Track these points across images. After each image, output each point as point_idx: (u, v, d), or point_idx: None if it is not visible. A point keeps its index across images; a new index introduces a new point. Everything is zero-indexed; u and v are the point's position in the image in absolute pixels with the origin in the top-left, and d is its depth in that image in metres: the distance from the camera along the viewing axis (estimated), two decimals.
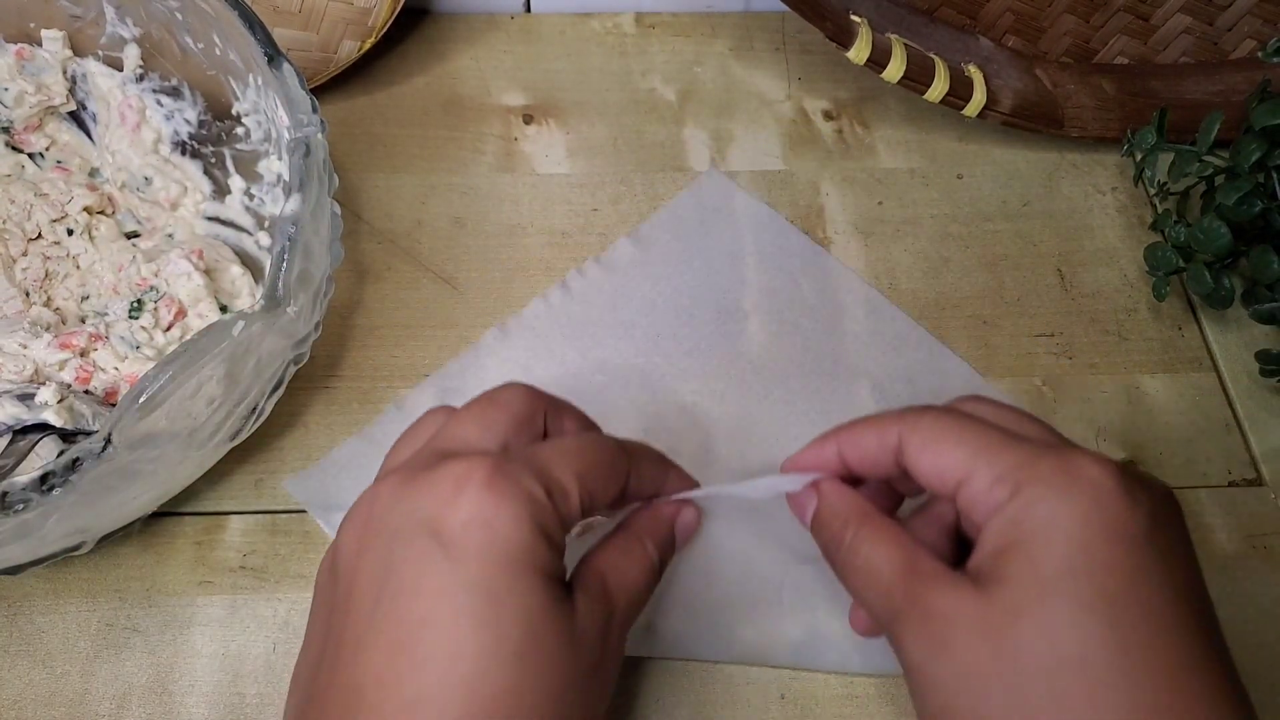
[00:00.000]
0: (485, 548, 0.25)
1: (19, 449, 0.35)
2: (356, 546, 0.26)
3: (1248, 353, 0.43)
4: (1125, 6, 0.49)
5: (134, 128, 0.42)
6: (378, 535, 0.26)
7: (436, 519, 0.25)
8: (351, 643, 0.25)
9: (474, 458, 0.26)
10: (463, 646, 0.24)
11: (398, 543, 0.25)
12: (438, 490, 0.25)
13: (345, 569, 0.27)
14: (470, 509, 0.25)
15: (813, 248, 0.46)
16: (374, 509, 0.27)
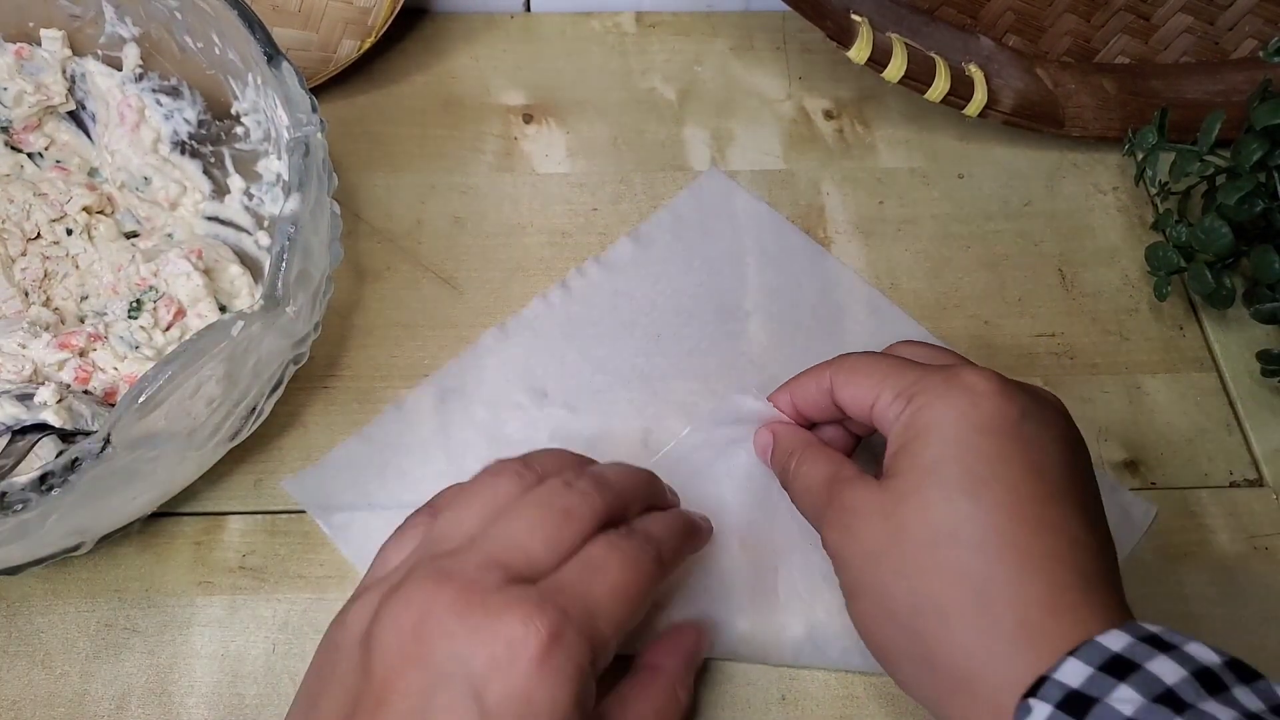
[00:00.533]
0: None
1: (18, 449, 0.35)
2: (399, 655, 0.26)
3: (1249, 353, 0.43)
4: (1126, 6, 0.49)
5: (133, 127, 0.42)
6: (423, 662, 0.26)
7: (485, 681, 0.25)
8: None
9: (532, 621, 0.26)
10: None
11: (443, 687, 0.26)
12: (495, 652, 0.26)
13: (380, 668, 0.27)
14: (519, 684, 0.25)
15: (813, 247, 0.46)
16: (426, 627, 0.26)
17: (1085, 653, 0.25)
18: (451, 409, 0.41)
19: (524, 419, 0.40)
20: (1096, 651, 0.25)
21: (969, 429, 0.29)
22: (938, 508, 0.28)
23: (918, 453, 0.29)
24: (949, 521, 0.28)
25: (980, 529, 0.28)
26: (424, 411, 0.41)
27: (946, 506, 0.28)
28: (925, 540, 0.28)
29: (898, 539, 0.29)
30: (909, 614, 0.28)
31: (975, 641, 0.27)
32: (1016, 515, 0.28)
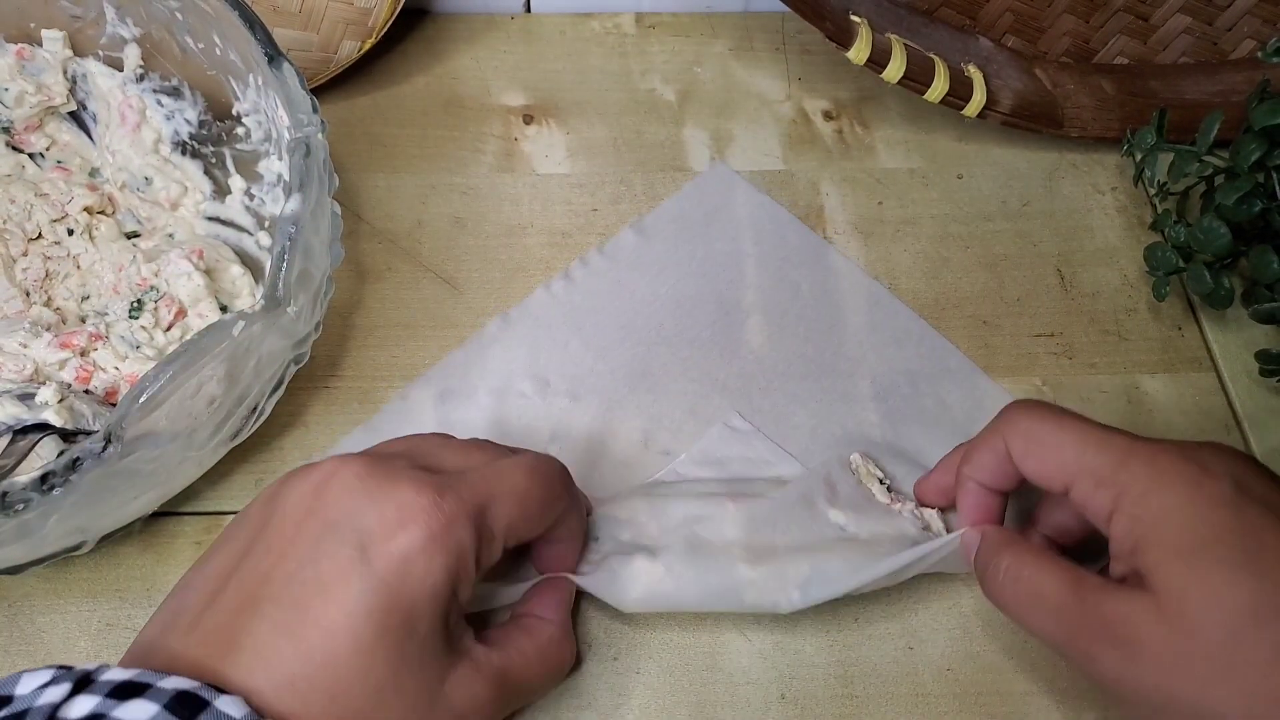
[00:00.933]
0: (398, 585, 0.27)
1: (19, 449, 0.35)
2: (298, 514, 0.28)
3: (1247, 353, 0.43)
4: (1125, 6, 0.49)
5: (134, 128, 0.42)
6: (319, 518, 0.28)
7: (370, 536, 0.27)
8: (252, 600, 0.27)
9: (425, 490, 0.28)
10: (338, 659, 0.26)
11: (331, 537, 0.27)
12: (384, 511, 0.27)
13: (278, 526, 0.28)
14: (402, 546, 0.27)
15: (815, 241, 0.46)
16: (328, 488, 0.28)
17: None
18: (455, 399, 0.41)
19: (527, 407, 0.41)
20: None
21: (1206, 508, 0.28)
22: (1228, 593, 0.27)
23: (1169, 543, 0.28)
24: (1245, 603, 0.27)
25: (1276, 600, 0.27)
26: (428, 402, 0.41)
27: (1236, 590, 0.27)
28: (1230, 631, 0.27)
29: (1198, 636, 0.27)
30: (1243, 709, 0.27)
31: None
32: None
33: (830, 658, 0.36)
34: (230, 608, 0.27)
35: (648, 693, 0.35)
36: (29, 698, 0.24)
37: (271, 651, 0.26)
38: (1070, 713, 0.35)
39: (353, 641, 0.26)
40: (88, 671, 0.24)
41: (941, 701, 0.35)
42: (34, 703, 0.23)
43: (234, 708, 0.24)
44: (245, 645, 0.26)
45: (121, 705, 0.23)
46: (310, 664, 0.26)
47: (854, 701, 0.35)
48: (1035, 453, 0.32)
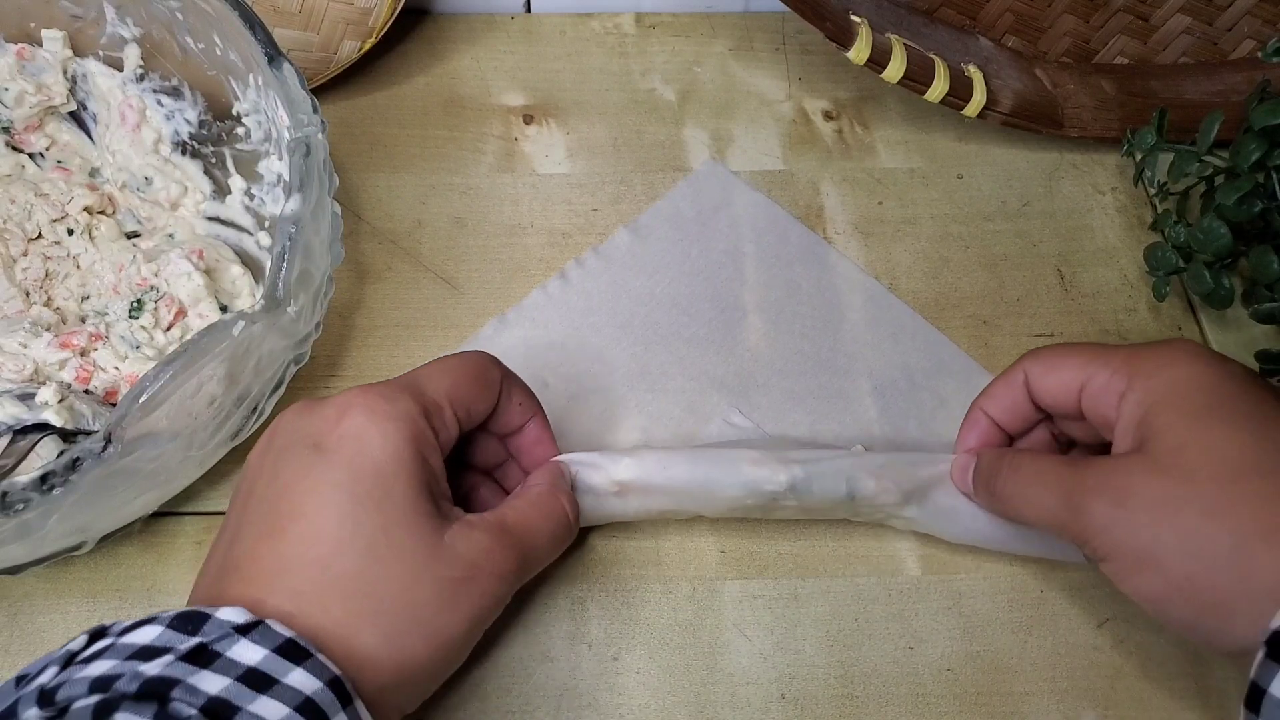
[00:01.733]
0: (354, 457, 0.28)
1: (19, 449, 0.35)
2: (258, 459, 0.30)
3: (1247, 353, 0.43)
4: (1125, 7, 0.49)
5: (134, 128, 0.42)
6: (272, 449, 0.30)
7: (318, 433, 0.29)
8: (234, 530, 0.29)
9: (358, 388, 0.30)
10: (321, 533, 0.28)
11: (285, 453, 0.29)
12: (325, 413, 0.30)
13: (245, 475, 0.31)
14: (347, 426, 0.29)
15: (812, 238, 0.46)
16: (276, 428, 0.31)
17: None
18: None
19: None
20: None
21: (1215, 380, 0.30)
22: (1228, 446, 0.28)
23: (1177, 407, 0.29)
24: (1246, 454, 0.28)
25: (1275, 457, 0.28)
26: None
27: (1236, 444, 0.28)
28: (1228, 476, 0.28)
29: (1194, 482, 0.28)
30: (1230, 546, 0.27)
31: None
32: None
33: (830, 658, 0.36)
34: (221, 549, 0.29)
35: (648, 693, 0.35)
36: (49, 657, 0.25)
37: (260, 554, 0.28)
38: (1070, 713, 0.35)
39: (331, 510, 0.28)
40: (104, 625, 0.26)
41: (942, 702, 0.35)
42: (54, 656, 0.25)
43: (234, 614, 0.25)
44: (239, 563, 0.28)
45: (129, 635, 0.25)
46: (298, 546, 0.28)
47: (854, 702, 0.35)
48: (1053, 367, 0.33)
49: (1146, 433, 0.30)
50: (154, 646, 0.24)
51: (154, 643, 0.24)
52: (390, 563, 0.28)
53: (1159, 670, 0.36)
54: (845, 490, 0.35)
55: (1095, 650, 0.36)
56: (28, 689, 0.24)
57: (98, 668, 0.24)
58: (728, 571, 0.38)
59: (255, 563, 0.28)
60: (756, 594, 0.37)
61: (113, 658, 0.24)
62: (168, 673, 0.23)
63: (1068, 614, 0.37)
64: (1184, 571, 0.28)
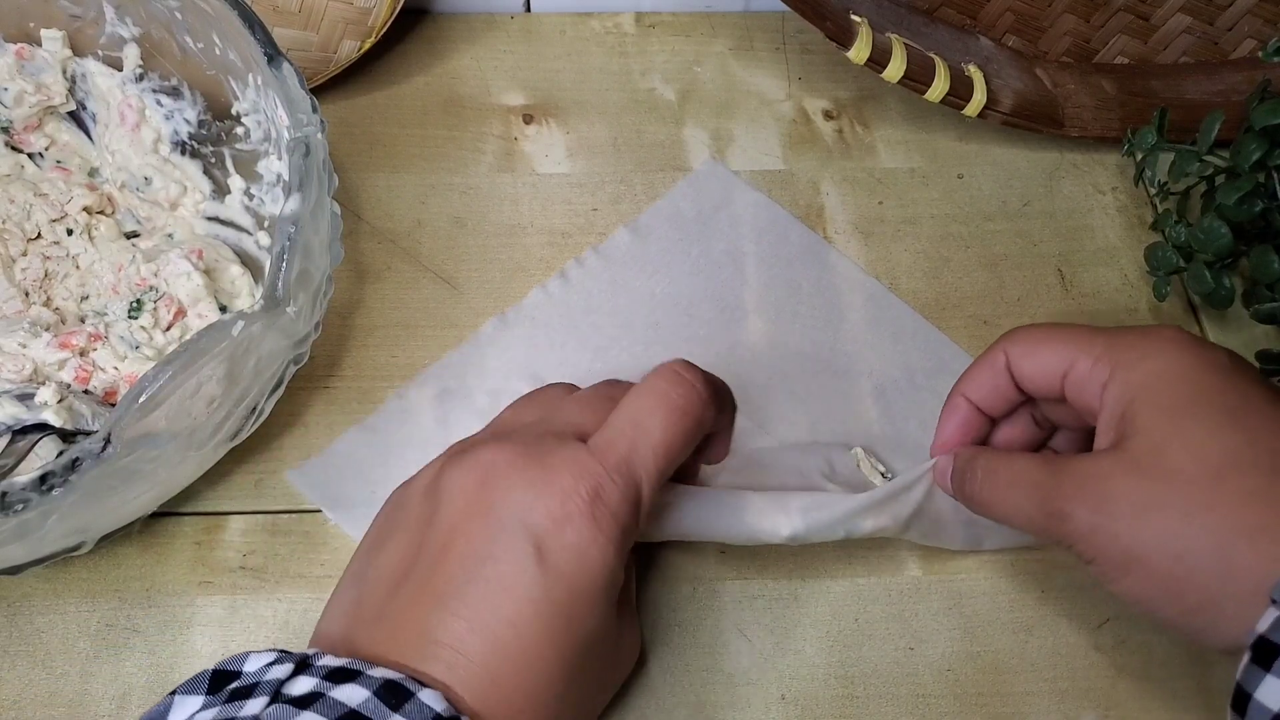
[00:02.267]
0: (575, 575, 0.28)
1: (18, 449, 0.35)
2: (464, 505, 0.29)
3: (1248, 353, 0.43)
4: (1125, 6, 0.49)
5: (134, 127, 0.42)
6: (488, 512, 0.28)
7: (541, 532, 0.28)
8: (438, 595, 0.28)
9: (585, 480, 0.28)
10: (533, 653, 0.27)
11: (504, 536, 0.28)
12: (551, 507, 0.28)
13: (445, 517, 0.29)
14: (572, 538, 0.28)
15: (812, 237, 0.46)
16: (490, 478, 0.29)
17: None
18: (453, 399, 0.41)
19: None
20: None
21: (1199, 372, 0.29)
22: (1209, 444, 0.28)
23: (1158, 403, 0.29)
24: (1225, 452, 0.28)
25: (1257, 450, 0.27)
26: (425, 401, 0.41)
27: (1217, 441, 0.28)
28: (1208, 475, 0.27)
29: (1175, 482, 0.28)
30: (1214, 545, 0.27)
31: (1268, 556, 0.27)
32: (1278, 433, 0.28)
33: (830, 658, 0.36)
34: (414, 601, 0.28)
35: (647, 693, 0.35)
36: (257, 674, 0.26)
37: (466, 647, 0.27)
38: (1070, 713, 0.35)
39: (546, 634, 0.27)
40: (306, 656, 0.26)
41: (942, 702, 0.35)
42: (262, 678, 0.25)
43: (435, 701, 0.25)
44: (440, 641, 0.27)
45: (337, 688, 0.25)
46: (505, 658, 0.27)
47: (854, 702, 0.35)
48: (1035, 350, 0.32)
49: (1127, 428, 0.29)
50: (363, 715, 0.24)
51: (362, 709, 0.25)
52: (581, 684, 0.29)
53: (1160, 670, 0.36)
54: (843, 534, 0.35)
55: (1096, 650, 0.36)
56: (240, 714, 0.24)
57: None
58: (728, 572, 0.38)
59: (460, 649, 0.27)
60: (756, 594, 0.37)
61: (324, 714, 0.24)
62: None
63: (1068, 614, 0.37)
64: (1169, 573, 0.28)
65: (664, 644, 0.36)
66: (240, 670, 0.26)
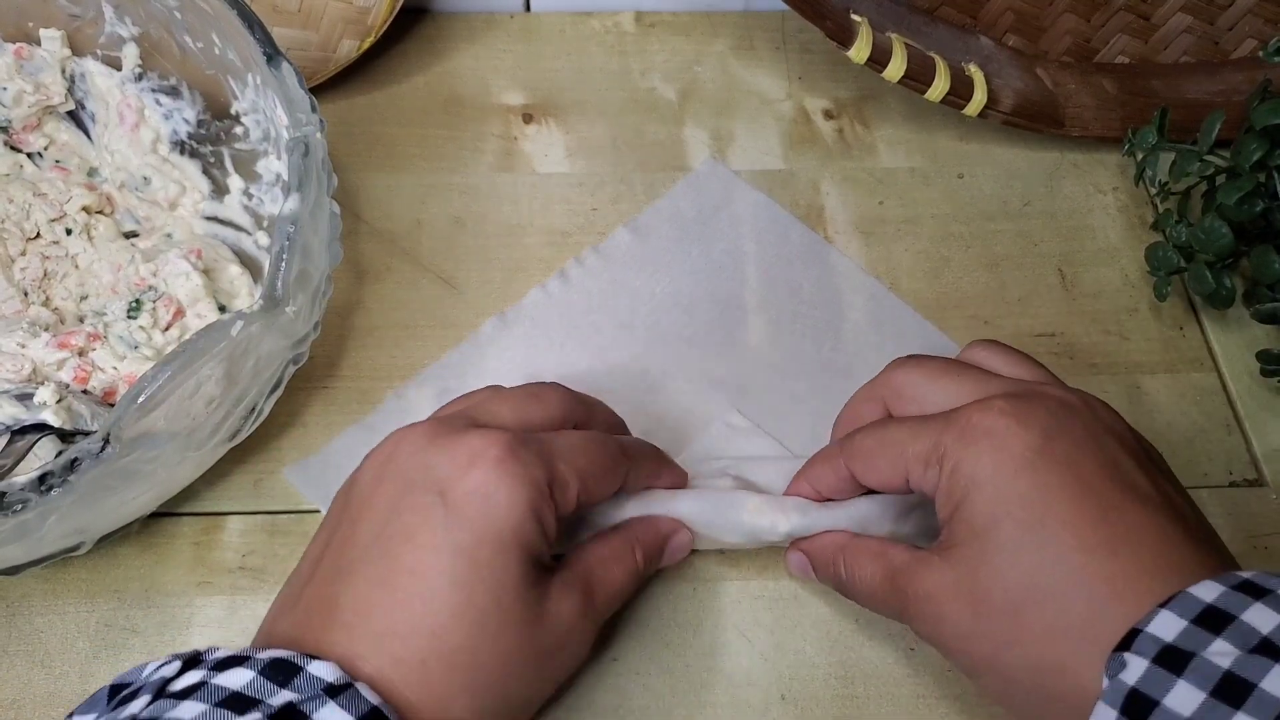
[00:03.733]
0: (480, 519, 0.28)
1: (17, 449, 0.35)
2: (374, 481, 0.30)
3: (1249, 353, 0.43)
4: (1126, 6, 0.49)
5: (133, 127, 0.42)
6: (394, 478, 0.29)
7: (446, 481, 0.28)
8: (346, 565, 0.28)
9: (493, 435, 0.29)
10: (436, 599, 0.27)
11: (409, 492, 0.28)
12: (455, 457, 0.28)
13: (358, 497, 0.30)
14: (477, 481, 0.28)
15: (812, 237, 0.46)
16: (398, 452, 0.30)
17: (1178, 605, 0.26)
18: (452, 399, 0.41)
19: None
20: (1189, 604, 0.25)
21: (1008, 476, 0.29)
22: (1010, 572, 0.28)
23: (969, 520, 0.29)
24: (1025, 580, 0.28)
25: (1057, 573, 0.28)
26: (425, 401, 0.41)
27: (1017, 568, 0.28)
28: (1011, 606, 0.28)
29: (986, 614, 0.29)
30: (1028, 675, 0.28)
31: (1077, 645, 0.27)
32: (1084, 538, 0.28)
33: (831, 659, 0.36)
34: (326, 579, 0.29)
35: (648, 693, 0.35)
36: (145, 677, 0.26)
37: (369, 605, 0.27)
38: None
39: (448, 578, 0.27)
40: (197, 652, 0.26)
41: (943, 703, 0.35)
42: (149, 680, 0.25)
43: (327, 672, 0.25)
44: (344, 606, 0.27)
45: (222, 674, 0.25)
46: (409, 608, 0.27)
47: (855, 703, 0.35)
48: (872, 467, 0.32)
49: (951, 539, 0.30)
50: (244, 695, 0.24)
51: (245, 690, 0.25)
52: (497, 637, 0.28)
53: None
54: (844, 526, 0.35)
55: None
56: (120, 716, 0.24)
57: (189, 710, 0.24)
58: (728, 572, 0.38)
59: (362, 615, 0.27)
60: (757, 594, 0.37)
61: (204, 700, 0.24)
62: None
63: None
64: (1002, 690, 0.29)
65: (664, 644, 0.36)
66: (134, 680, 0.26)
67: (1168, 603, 0.26)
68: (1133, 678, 0.25)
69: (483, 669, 0.28)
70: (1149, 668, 0.25)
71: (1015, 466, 0.29)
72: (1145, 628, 0.26)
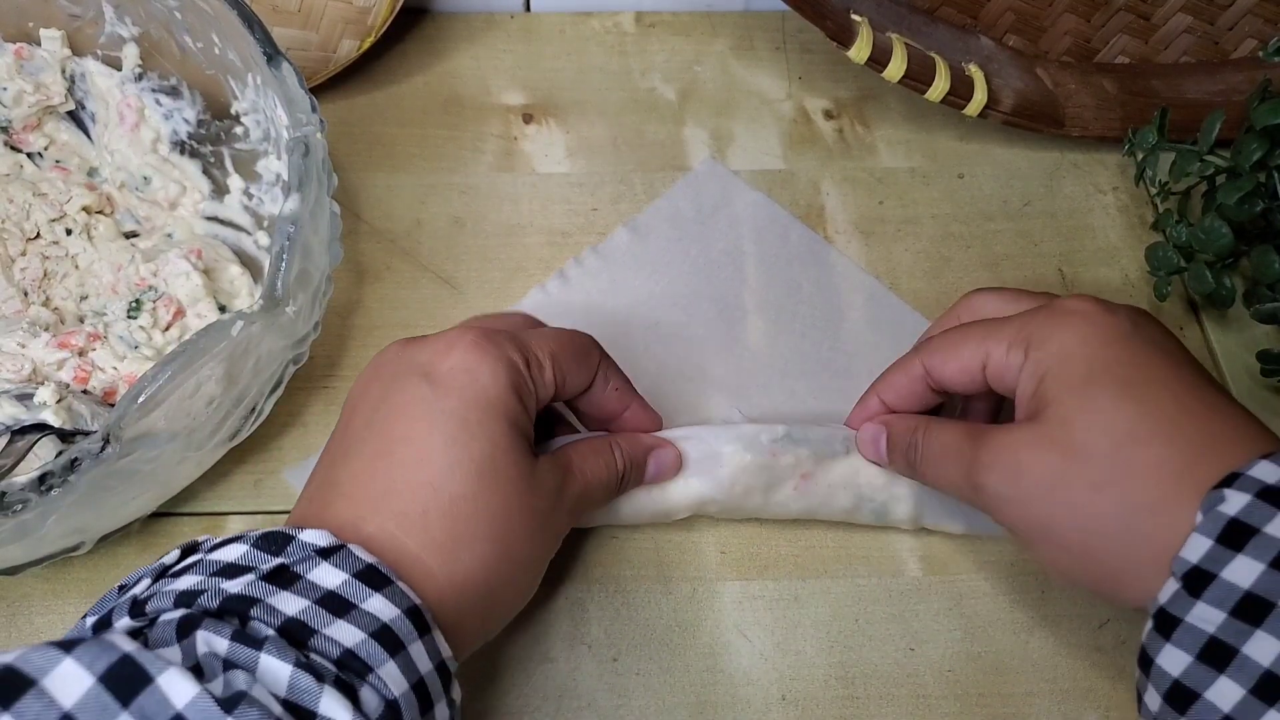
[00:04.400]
0: (465, 388, 0.29)
1: (17, 449, 0.35)
2: (362, 386, 0.31)
3: (1249, 353, 0.43)
4: (1126, 6, 0.49)
5: (133, 127, 0.42)
6: (379, 376, 0.31)
7: (428, 364, 0.30)
8: (342, 452, 0.30)
9: (469, 327, 0.31)
10: (432, 456, 0.28)
11: (395, 381, 0.30)
12: (434, 346, 0.30)
13: (349, 403, 0.31)
14: (457, 359, 0.30)
15: (812, 237, 0.46)
16: (382, 358, 0.32)
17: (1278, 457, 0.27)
18: None
19: None
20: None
21: (1100, 345, 0.30)
22: (1111, 418, 0.29)
23: (1062, 381, 0.30)
24: (1127, 425, 0.29)
25: (1159, 421, 0.29)
26: None
27: (1118, 414, 0.29)
28: (1109, 449, 0.29)
29: (1081, 458, 0.29)
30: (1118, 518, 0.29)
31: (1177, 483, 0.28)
32: (1182, 397, 0.29)
33: (831, 659, 0.36)
34: (326, 467, 0.30)
35: (648, 693, 0.35)
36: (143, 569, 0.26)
37: (368, 475, 0.29)
38: (1071, 713, 0.35)
39: (441, 437, 0.28)
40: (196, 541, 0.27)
41: (943, 703, 0.35)
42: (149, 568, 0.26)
43: (318, 537, 0.26)
44: (342, 481, 0.29)
45: (216, 552, 0.26)
46: (405, 467, 0.28)
47: (855, 703, 0.35)
48: (952, 357, 0.33)
49: (1039, 404, 0.31)
50: (238, 564, 0.25)
51: (238, 560, 0.25)
52: (494, 488, 0.29)
53: None
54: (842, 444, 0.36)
55: (1097, 651, 0.36)
56: (123, 598, 0.25)
57: (184, 582, 0.25)
58: (728, 572, 0.38)
59: (361, 483, 0.28)
60: (757, 595, 0.37)
61: (199, 573, 0.25)
62: (248, 591, 0.24)
63: (1069, 615, 0.37)
64: (1078, 544, 0.30)
65: (664, 644, 0.36)
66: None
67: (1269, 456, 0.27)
68: (1233, 509, 0.26)
69: (482, 517, 0.29)
70: (1251, 500, 0.26)
71: (1108, 338, 0.30)
72: (1247, 471, 0.27)
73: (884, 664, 0.36)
